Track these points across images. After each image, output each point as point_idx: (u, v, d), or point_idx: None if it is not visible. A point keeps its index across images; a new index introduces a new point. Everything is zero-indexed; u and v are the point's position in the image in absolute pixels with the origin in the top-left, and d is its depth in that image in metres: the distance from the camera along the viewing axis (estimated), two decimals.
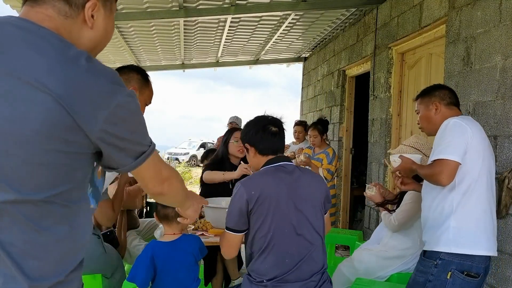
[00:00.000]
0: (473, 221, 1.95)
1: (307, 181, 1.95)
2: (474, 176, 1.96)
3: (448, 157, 1.92)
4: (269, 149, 1.99)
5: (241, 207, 1.85)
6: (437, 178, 1.95)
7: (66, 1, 0.96)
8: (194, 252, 2.20)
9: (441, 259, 1.93)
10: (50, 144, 0.88)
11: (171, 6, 4.46)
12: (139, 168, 1.02)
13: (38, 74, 0.85)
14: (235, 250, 1.99)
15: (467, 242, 1.93)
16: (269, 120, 2.04)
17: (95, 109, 0.89)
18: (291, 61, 7.89)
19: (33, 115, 0.85)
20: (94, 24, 1.01)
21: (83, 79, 0.89)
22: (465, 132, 1.96)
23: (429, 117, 2.21)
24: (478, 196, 1.97)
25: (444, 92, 2.22)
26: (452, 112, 2.16)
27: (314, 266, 1.90)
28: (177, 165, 16.99)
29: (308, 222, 1.89)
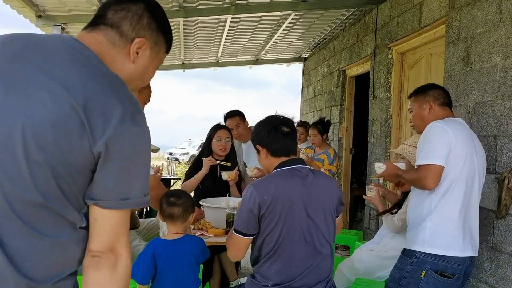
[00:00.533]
0: (449, 222, 1.98)
1: (320, 186, 1.89)
2: (453, 179, 1.99)
3: (432, 161, 1.96)
4: (281, 150, 1.92)
5: (252, 210, 1.79)
6: (422, 183, 1.99)
7: (119, 32, 1.05)
8: (196, 253, 2.19)
9: (417, 257, 1.97)
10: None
11: (171, 6, 4.46)
12: (108, 211, 0.94)
13: (70, 84, 0.90)
14: (242, 253, 1.93)
15: (442, 243, 1.95)
16: (280, 120, 1.98)
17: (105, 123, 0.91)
18: (291, 61, 7.89)
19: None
20: (136, 59, 1.07)
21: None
22: (446, 135, 1.99)
23: (422, 116, 2.23)
24: (456, 198, 1.99)
25: (438, 92, 2.24)
26: (444, 112, 2.19)
27: (321, 274, 1.87)
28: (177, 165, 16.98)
29: (318, 230, 1.85)
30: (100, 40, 1.03)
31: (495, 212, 2.60)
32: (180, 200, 2.17)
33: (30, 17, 4.42)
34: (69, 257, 0.98)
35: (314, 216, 1.84)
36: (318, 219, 1.85)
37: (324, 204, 1.88)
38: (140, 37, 1.07)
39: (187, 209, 2.18)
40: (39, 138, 0.87)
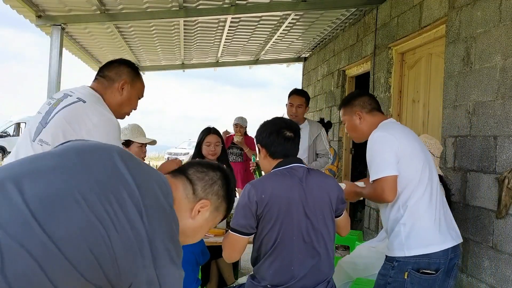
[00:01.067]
0: (421, 221, 1.98)
1: (318, 185, 1.89)
2: (413, 180, 1.99)
3: (384, 174, 1.96)
4: (280, 153, 1.93)
5: (250, 208, 1.79)
6: (381, 198, 1.99)
7: (193, 189, 1.22)
8: (196, 252, 2.20)
9: (397, 261, 1.97)
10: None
11: (171, 6, 4.46)
12: None
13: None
14: (238, 254, 1.90)
15: (420, 243, 1.95)
16: (285, 124, 1.97)
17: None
18: (291, 61, 7.89)
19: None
20: (196, 217, 1.22)
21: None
22: (390, 143, 1.99)
23: (354, 127, 2.23)
24: (421, 197, 2.00)
25: (364, 100, 2.23)
26: (375, 118, 2.18)
27: (320, 275, 1.86)
28: None
29: (317, 230, 1.84)
30: (178, 187, 1.20)
31: (495, 212, 2.60)
32: None
33: (30, 17, 4.42)
34: None
35: (313, 215, 1.84)
36: (316, 219, 1.84)
37: (322, 203, 1.87)
38: (208, 199, 1.23)
39: None
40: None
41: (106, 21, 4.64)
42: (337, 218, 1.97)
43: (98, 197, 0.96)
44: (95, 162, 1.04)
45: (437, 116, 3.53)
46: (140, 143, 3.11)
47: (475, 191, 2.78)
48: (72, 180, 0.97)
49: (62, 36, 4.48)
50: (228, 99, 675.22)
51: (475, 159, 2.84)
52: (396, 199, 2.00)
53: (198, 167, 1.25)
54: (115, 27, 5.17)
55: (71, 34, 5.48)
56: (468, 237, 2.87)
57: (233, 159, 5.92)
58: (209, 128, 3.45)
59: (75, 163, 1.01)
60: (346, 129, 2.32)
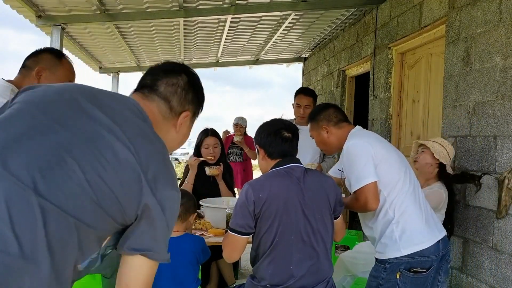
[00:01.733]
0: (411, 221, 1.99)
1: (316, 185, 1.89)
2: (394, 181, 2.01)
3: (365, 182, 1.97)
4: (277, 154, 1.93)
5: (248, 208, 1.80)
6: (365, 207, 2.01)
7: (170, 106, 1.17)
8: (196, 251, 2.20)
9: (390, 262, 1.98)
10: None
11: (171, 6, 4.46)
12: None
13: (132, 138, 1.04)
14: (237, 254, 1.92)
15: (413, 242, 1.97)
16: (283, 125, 1.98)
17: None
18: (291, 61, 7.89)
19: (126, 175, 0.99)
20: (180, 129, 1.21)
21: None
22: (365, 150, 2.01)
23: (324, 141, 2.25)
24: (406, 196, 2.01)
25: (328, 113, 2.24)
26: (342, 130, 2.20)
27: (320, 275, 1.86)
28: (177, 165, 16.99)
29: (316, 229, 1.84)
30: (154, 111, 1.14)
31: (495, 212, 2.61)
32: (182, 200, 2.19)
33: (30, 17, 4.42)
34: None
35: (311, 215, 1.84)
36: (315, 218, 1.84)
37: (320, 203, 1.87)
38: (186, 110, 1.20)
39: (187, 209, 2.20)
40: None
41: (106, 21, 4.64)
42: (334, 220, 1.97)
43: (83, 150, 0.94)
44: (63, 114, 0.99)
45: (437, 116, 3.53)
46: None
47: (475, 191, 2.78)
48: (51, 142, 0.93)
49: (62, 36, 4.48)
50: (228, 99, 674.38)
51: (475, 159, 2.85)
52: (383, 203, 2.02)
53: (166, 79, 1.18)
54: (115, 27, 5.17)
55: (71, 34, 5.48)
56: (468, 237, 2.88)
57: (233, 159, 5.93)
58: (207, 130, 3.42)
59: (45, 123, 0.96)
60: (316, 144, 2.35)
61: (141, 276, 1.12)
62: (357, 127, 2.23)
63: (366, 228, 2.17)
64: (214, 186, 3.30)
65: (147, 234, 1.03)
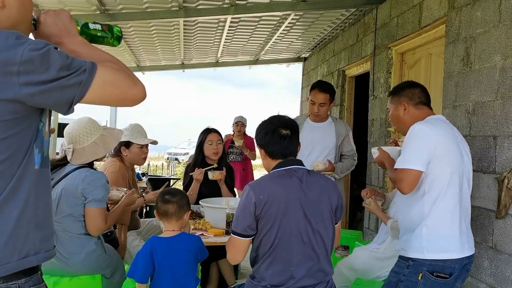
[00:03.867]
0: (445, 226, 1.96)
1: (318, 187, 1.89)
2: (444, 182, 1.96)
3: (409, 166, 1.94)
4: (278, 153, 1.92)
5: (249, 210, 1.80)
6: (398, 186, 1.99)
7: None
8: (193, 250, 2.20)
9: (413, 260, 1.96)
10: None
11: (171, 6, 4.46)
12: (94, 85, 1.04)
13: None
14: (241, 256, 1.92)
15: (439, 248, 1.94)
16: (280, 122, 1.96)
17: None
18: (291, 61, 7.89)
19: None
20: (5, 3, 1.09)
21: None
22: (428, 139, 1.95)
23: (398, 117, 2.20)
24: (449, 201, 1.97)
25: (413, 92, 2.19)
26: (420, 112, 2.14)
27: (320, 276, 1.86)
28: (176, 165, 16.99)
29: (316, 231, 1.84)
30: None
31: (495, 212, 2.61)
32: (175, 198, 2.21)
33: None
34: None
35: (312, 216, 1.83)
36: (316, 220, 1.84)
37: (321, 204, 1.87)
38: None
39: (181, 207, 2.20)
40: None
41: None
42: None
43: None
44: None
45: None
46: (140, 144, 3.11)
47: (475, 191, 2.78)
48: None
49: None
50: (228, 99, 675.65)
51: (475, 159, 2.84)
52: (422, 196, 1.98)
53: None
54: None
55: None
56: None
57: (233, 159, 5.94)
58: (209, 128, 3.48)
59: None
60: (390, 118, 2.30)
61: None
62: (439, 116, 2.17)
63: (402, 213, 2.13)
64: (215, 187, 3.30)
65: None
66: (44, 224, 1.13)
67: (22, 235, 1.06)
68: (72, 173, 2.32)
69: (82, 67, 1.03)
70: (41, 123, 1.10)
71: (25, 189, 1.06)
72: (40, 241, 1.10)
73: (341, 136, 3.41)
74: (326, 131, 3.36)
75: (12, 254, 1.04)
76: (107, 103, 1.13)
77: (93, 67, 1.04)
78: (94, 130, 2.42)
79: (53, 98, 1.01)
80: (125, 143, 3.07)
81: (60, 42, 1.17)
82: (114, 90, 1.08)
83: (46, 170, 1.15)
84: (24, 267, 1.06)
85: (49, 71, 0.98)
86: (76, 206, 2.28)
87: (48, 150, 1.17)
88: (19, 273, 1.05)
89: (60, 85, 1.00)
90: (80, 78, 1.02)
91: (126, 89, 1.10)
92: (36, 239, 1.09)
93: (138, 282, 2.10)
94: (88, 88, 1.03)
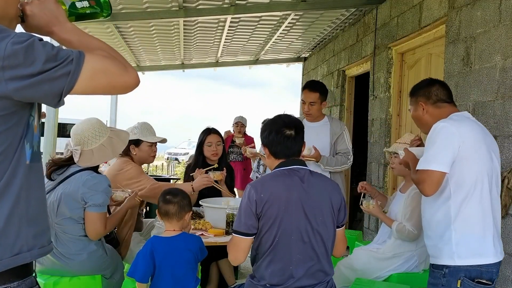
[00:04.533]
0: (474, 230, 1.85)
1: (319, 187, 1.89)
2: (470, 183, 1.85)
3: (431, 167, 1.84)
4: (282, 153, 1.93)
5: (250, 208, 1.81)
6: (420, 187, 1.90)
7: None
8: (193, 250, 2.20)
9: (447, 267, 1.85)
10: None
11: (171, 6, 4.46)
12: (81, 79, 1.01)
13: None
14: (243, 256, 1.91)
15: (471, 253, 1.83)
16: (284, 122, 1.95)
17: None
18: (291, 61, 7.89)
19: None
20: None
21: None
22: (451, 138, 1.84)
23: (419, 118, 2.12)
24: (477, 203, 1.86)
25: (430, 90, 2.07)
26: (441, 110, 2.03)
27: (320, 276, 1.86)
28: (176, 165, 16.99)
29: (316, 231, 1.84)
30: None
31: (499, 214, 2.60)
32: (176, 198, 2.21)
33: None
34: None
35: (312, 216, 1.84)
36: (316, 219, 1.84)
37: (322, 204, 1.87)
38: None
39: (182, 207, 2.20)
40: None
41: (106, 21, 4.64)
42: (336, 229, 1.95)
43: None
44: None
45: None
46: (150, 142, 3.09)
47: None
48: None
49: None
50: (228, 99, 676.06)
51: None
52: (447, 198, 1.87)
53: None
54: (115, 27, 5.17)
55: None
56: None
57: (233, 158, 5.94)
58: (209, 128, 3.48)
59: None
60: (412, 118, 2.22)
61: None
62: (464, 112, 2.04)
63: (426, 215, 2.02)
64: (215, 187, 3.30)
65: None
66: (37, 219, 1.11)
67: (14, 232, 1.04)
68: (74, 175, 2.31)
69: (69, 57, 1.00)
70: (31, 117, 1.09)
71: (16, 185, 1.04)
72: (33, 237, 1.09)
73: (336, 135, 3.41)
74: (320, 130, 3.37)
75: (4, 251, 1.02)
76: (99, 92, 1.09)
77: (80, 56, 1.01)
78: (102, 132, 2.39)
79: (41, 91, 0.99)
80: (135, 142, 3.06)
81: (51, 31, 1.15)
82: (104, 78, 1.05)
83: (37, 164, 1.13)
84: (17, 264, 1.04)
85: (35, 64, 0.96)
86: (76, 209, 2.27)
87: (39, 144, 1.15)
88: (12, 275, 1.04)
89: (48, 78, 0.97)
90: (68, 69, 0.99)
91: (116, 77, 1.07)
92: (28, 235, 1.07)
93: (138, 281, 2.10)
94: (77, 78, 1.00)
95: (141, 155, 3.08)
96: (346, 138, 3.43)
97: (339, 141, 3.42)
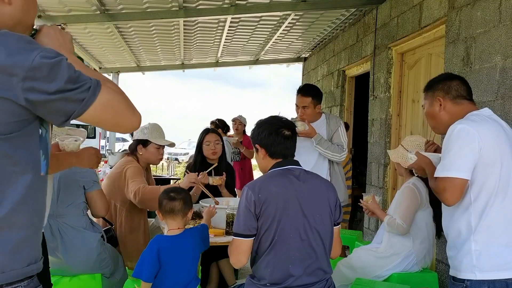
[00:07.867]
0: (497, 240, 1.68)
1: (315, 186, 1.91)
2: (492, 190, 1.69)
3: (452, 174, 1.67)
4: (280, 153, 1.95)
5: (249, 209, 1.82)
6: (441, 197, 1.74)
7: None
8: (197, 245, 2.23)
9: (469, 280, 1.69)
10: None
11: (171, 6, 4.46)
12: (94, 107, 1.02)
13: None
14: (245, 257, 1.91)
15: (494, 266, 1.67)
16: (283, 123, 1.98)
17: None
18: (291, 61, 7.89)
19: None
20: (11, 0, 1.08)
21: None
22: (472, 142, 1.67)
23: (433, 114, 1.92)
24: (499, 210, 1.69)
25: (450, 84, 1.89)
26: (460, 108, 1.85)
27: (319, 274, 1.87)
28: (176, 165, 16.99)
29: (314, 228, 1.85)
30: None
31: None
32: (180, 195, 2.22)
33: None
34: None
35: (310, 215, 1.85)
36: (313, 217, 1.86)
37: (319, 202, 1.89)
38: None
39: (187, 203, 2.22)
40: None
41: (106, 21, 4.64)
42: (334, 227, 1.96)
43: None
44: None
45: None
46: (157, 145, 3.08)
47: None
48: None
49: None
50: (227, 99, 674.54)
51: None
52: (467, 206, 1.71)
53: None
54: (115, 27, 5.17)
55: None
56: None
57: (231, 158, 5.94)
58: (208, 128, 3.52)
59: None
60: (425, 116, 2.02)
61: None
62: (484, 110, 1.84)
63: (447, 222, 1.85)
64: (215, 188, 3.30)
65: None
66: (40, 231, 1.12)
67: (27, 242, 1.05)
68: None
69: (87, 83, 1.01)
70: (45, 130, 1.10)
71: (33, 196, 1.05)
72: (38, 249, 1.10)
73: (332, 131, 3.44)
74: (318, 129, 3.39)
75: (17, 261, 1.03)
76: (102, 124, 1.10)
77: (98, 85, 1.03)
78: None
79: (53, 109, 1.00)
80: (143, 142, 3.05)
81: None
82: (113, 114, 1.07)
83: (47, 176, 1.14)
84: (27, 275, 1.04)
85: (56, 81, 0.97)
86: (77, 192, 2.31)
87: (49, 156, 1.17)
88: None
89: (63, 98, 0.99)
90: (83, 95, 1.00)
91: (125, 116, 1.09)
92: (36, 246, 1.09)
93: (145, 281, 2.10)
94: (89, 106, 1.01)
95: (147, 156, 3.07)
96: (340, 133, 3.44)
97: (335, 136, 3.44)
